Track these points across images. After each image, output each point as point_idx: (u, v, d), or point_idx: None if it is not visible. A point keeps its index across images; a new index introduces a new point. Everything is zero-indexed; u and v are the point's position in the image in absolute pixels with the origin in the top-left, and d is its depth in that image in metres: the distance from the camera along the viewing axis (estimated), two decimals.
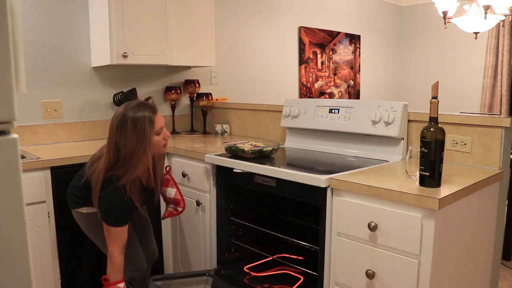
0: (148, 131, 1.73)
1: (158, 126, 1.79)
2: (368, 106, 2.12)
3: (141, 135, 1.72)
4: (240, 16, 3.67)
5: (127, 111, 1.74)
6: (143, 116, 1.73)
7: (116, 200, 1.74)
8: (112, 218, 1.76)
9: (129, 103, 1.80)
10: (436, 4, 3.38)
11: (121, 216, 1.77)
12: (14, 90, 0.60)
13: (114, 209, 1.76)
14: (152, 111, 1.77)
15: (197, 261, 2.41)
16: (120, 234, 1.77)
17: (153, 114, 1.77)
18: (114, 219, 1.76)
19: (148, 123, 1.73)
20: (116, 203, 1.75)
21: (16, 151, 0.61)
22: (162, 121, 1.83)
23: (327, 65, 4.56)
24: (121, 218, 1.77)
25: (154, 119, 1.76)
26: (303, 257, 2.22)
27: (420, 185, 1.48)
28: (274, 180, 1.86)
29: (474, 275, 1.75)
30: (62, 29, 2.69)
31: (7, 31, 0.59)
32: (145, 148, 1.73)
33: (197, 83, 3.15)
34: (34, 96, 2.61)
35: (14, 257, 0.61)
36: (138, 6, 2.58)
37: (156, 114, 1.79)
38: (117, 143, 1.73)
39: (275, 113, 2.75)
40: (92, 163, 1.83)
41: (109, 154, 1.75)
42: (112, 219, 1.76)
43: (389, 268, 1.49)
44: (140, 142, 1.72)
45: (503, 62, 4.65)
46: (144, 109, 1.75)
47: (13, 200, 0.61)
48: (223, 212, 2.22)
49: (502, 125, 1.77)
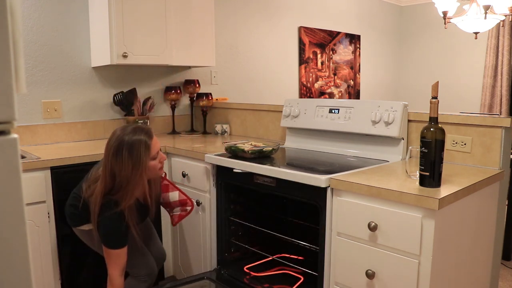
0: (143, 157, 1.71)
1: (154, 151, 1.78)
2: (368, 106, 2.12)
3: (137, 161, 1.70)
4: (240, 16, 3.67)
5: (123, 136, 1.72)
6: (139, 142, 1.71)
7: (115, 224, 1.75)
8: (111, 241, 1.78)
9: (124, 127, 1.78)
10: (436, 4, 3.38)
11: (120, 238, 1.78)
12: (14, 90, 0.60)
13: (113, 233, 1.77)
14: (148, 136, 1.75)
15: (197, 261, 2.41)
16: (120, 256, 1.79)
17: (149, 139, 1.75)
18: (113, 242, 1.78)
19: (144, 149, 1.72)
20: (115, 227, 1.76)
21: (16, 151, 0.61)
22: (158, 145, 1.82)
23: (327, 65, 4.56)
24: (120, 241, 1.78)
25: (150, 144, 1.75)
26: (303, 257, 2.22)
27: (420, 185, 1.48)
28: (274, 180, 1.86)
29: (474, 275, 1.75)
30: (62, 29, 2.69)
31: (7, 31, 0.59)
32: (141, 174, 1.72)
33: (197, 83, 3.15)
34: (34, 96, 2.61)
35: (14, 257, 0.61)
36: (138, 6, 2.58)
37: (152, 138, 1.77)
38: (113, 169, 1.71)
39: (275, 113, 2.75)
40: (89, 186, 1.81)
41: (105, 179, 1.73)
42: (111, 242, 1.78)
43: (389, 268, 1.49)
44: (136, 168, 1.70)
45: (503, 62, 4.65)
46: (140, 134, 1.73)
47: (13, 200, 0.61)
48: (223, 212, 2.22)
49: (502, 125, 1.77)
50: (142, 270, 2.00)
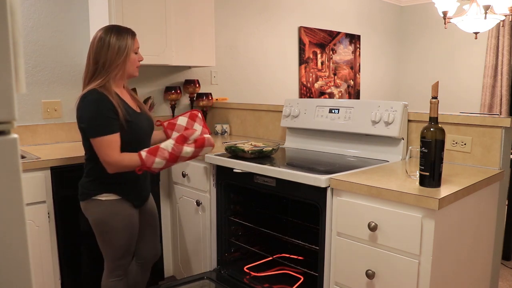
0: (130, 44, 1.81)
1: (137, 45, 1.88)
2: (368, 106, 2.12)
3: (123, 45, 1.79)
4: (240, 16, 3.67)
5: (110, 27, 1.84)
6: (126, 31, 1.83)
7: (96, 106, 1.70)
8: (98, 126, 1.69)
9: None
10: (436, 4, 3.38)
11: (106, 123, 1.70)
12: (14, 90, 0.60)
13: (97, 117, 1.70)
14: (132, 31, 1.87)
15: (197, 261, 2.41)
16: (113, 141, 1.71)
17: (134, 33, 1.87)
18: (101, 127, 1.69)
19: (130, 38, 1.83)
20: (97, 109, 1.70)
21: (16, 151, 0.61)
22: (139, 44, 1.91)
23: (327, 65, 4.56)
24: (108, 125, 1.71)
25: (135, 36, 1.86)
26: (303, 257, 2.22)
27: (420, 185, 1.48)
28: (274, 180, 1.86)
29: (474, 275, 1.75)
30: (62, 29, 2.69)
31: (7, 31, 0.59)
32: (124, 59, 1.80)
33: (197, 83, 3.15)
34: (34, 96, 2.61)
35: (14, 257, 0.61)
36: (138, 6, 2.58)
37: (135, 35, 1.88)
38: (97, 53, 1.77)
39: (275, 113, 2.75)
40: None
41: (88, 67, 1.80)
42: (98, 128, 1.69)
43: (389, 268, 1.49)
44: (121, 52, 1.79)
45: (503, 62, 4.65)
46: (125, 28, 1.85)
47: (13, 200, 0.61)
48: (223, 212, 2.22)
49: (502, 125, 1.77)
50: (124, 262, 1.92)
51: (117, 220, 1.83)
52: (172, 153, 1.76)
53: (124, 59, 1.80)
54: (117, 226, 1.83)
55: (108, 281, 1.93)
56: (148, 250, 2.08)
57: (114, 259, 1.90)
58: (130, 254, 1.94)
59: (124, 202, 1.85)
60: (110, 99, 1.73)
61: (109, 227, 1.83)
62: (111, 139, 1.71)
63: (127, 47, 1.80)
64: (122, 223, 1.84)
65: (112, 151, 1.70)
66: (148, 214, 2.04)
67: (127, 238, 1.87)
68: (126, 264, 1.95)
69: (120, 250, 1.88)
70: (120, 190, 1.83)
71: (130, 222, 1.87)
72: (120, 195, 1.83)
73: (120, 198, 1.83)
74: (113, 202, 1.82)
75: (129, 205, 1.87)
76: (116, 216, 1.83)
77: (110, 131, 1.71)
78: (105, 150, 1.70)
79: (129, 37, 1.82)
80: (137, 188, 1.91)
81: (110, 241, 1.86)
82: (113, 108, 1.73)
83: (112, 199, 1.82)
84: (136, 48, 1.87)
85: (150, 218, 2.06)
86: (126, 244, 1.88)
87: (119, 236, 1.85)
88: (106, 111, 1.71)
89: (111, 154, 1.70)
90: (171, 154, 1.76)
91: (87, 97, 1.73)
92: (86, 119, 1.72)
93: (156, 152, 1.75)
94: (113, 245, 1.86)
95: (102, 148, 1.70)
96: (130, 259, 1.96)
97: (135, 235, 1.92)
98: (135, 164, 1.73)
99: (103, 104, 1.71)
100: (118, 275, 1.93)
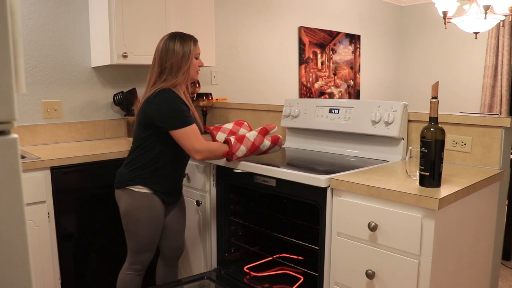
0: (193, 50, 1.90)
1: (199, 51, 1.96)
2: (368, 106, 2.12)
3: (187, 52, 1.88)
4: (240, 16, 3.67)
5: (174, 33, 1.93)
6: (189, 38, 1.92)
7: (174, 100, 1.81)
8: (182, 117, 1.80)
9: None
10: (436, 4, 3.38)
11: (187, 114, 1.82)
12: (14, 90, 0.60)
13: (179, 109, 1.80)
14: (194, 38, 1.96)
15: (197, 261, 2.41)
16: (197, 130, 1.82)
17: (196, 40, 1.96)
18: (185, 118, 1.80)
19: (193, 44, 1.92)
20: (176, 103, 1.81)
21: (16, 151, 0.61)
22: (200, 50, 1.99)
23: (327, 65, 4.56)
24: (190, 116, 1.83)
25: (197, 42, 1.95)
26: (303, 257, 2.22)
27: (420, 185, 1.48)
28: (274, 180, 1.86)
29: (474, 275, 1.75)
30: (62, 29, 2.69)
31: (7, 31, 0.59)
32: (188, 64, 1.88)
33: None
34: (34, 96, 2.61)
35: (14, 257, 0.61)
36: (138, 6, 2.58)
37: (197, 41, 1.97)
38: (162, 57, 1.87)
39: (275, 113, 2.75)
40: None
41: (153, 69, 1.90)
42: (183, 119, 1.79)
43: (389, 268, 1.49)
44: (185, 58, 1.88)
45: (503, 62, 4.65)
46: (188, 35, 1.94)
47: (13, 200, 0.61)
48: (223, 212, 2.22)
49: (502, 125, 1.77)
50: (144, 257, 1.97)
51: (143, 212, 1.89)
52: (254, 144, 1.89)
53: (188, 65, 1.88)
54: (141, 218, 1.89)
55: (124, 273, 1.99)
56: (171, 248, 2.12)
57: (135, 252, 1.96)
58: (150, 250, 1.98)
59: (154, 197, 1.91)
60: (182, 98, 1.85)
61: (134, 218, 1.90)
62: (195, 128, 1.82)
63: (190, 54, 1.89)
64: (146, 216, 1.90)
65: (199, 139, 1.81)
66: (177, 212, 2.09)
67: (149, 232, 1.92)
68: (146, 260, 1.99)
69: (141, 243, 1.93)
70: (153, 185, 1.89)
71: (154, 217, 1.92)
72: (152, 189, 1.89)
73: (151, 193, 1.90)
74: (143, 195, 1.88)
75: (159, 201, 1.92)
76: (143, 209, 1.89)
77: (192, 121, 1.83)
78: (193, 138, 1.79)
79: (192, 43, 1.91)
80: (170, 187, 1.97)
81: (133, 232, 1.92)
82: (186, 105, 1.86)
83: (144, 192, 1.88)
84: (197, 53, 1.95)
85: (178, 216, 2.10)
86: (147, 237, 1.93)
87: (142, 229, 1.90)
88: (183, 105, 1.84)
89: (199, 141, 1.80)
90: (253, 144, 1.89)
91: (165, 92, 1.82)
92: (166, 111, 1.81)
93: (242, 140, 1.87)
94: (136, 237, 1.92)
95: (190, 137, 1.79)
96: (150, 256, 2.00)
97: (158, 232, 1.97)
98: (224, 149, 1.85)
99: (179, 99, 1.84)
100: (136, 270, 1.98)
